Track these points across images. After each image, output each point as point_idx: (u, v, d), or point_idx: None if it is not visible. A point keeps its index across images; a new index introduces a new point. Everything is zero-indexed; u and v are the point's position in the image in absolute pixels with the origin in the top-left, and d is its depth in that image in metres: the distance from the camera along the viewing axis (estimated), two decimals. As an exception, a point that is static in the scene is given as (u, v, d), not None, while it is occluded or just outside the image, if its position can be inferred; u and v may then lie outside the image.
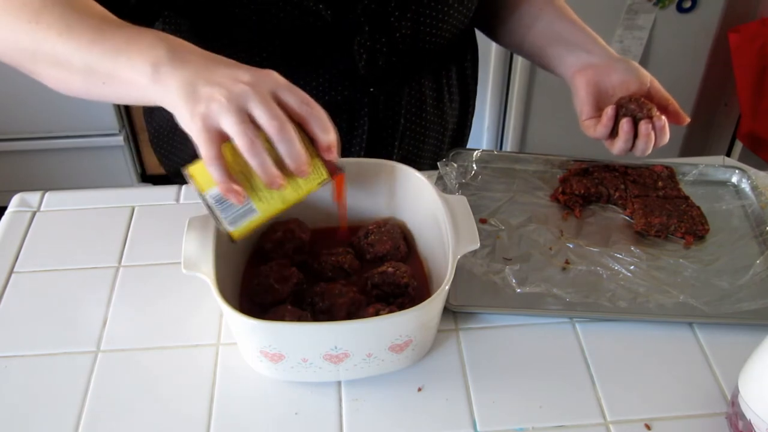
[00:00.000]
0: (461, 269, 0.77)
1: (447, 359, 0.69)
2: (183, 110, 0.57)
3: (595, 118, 0.86)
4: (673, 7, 1.80)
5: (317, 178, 0.61)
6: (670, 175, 0.91)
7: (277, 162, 0.57)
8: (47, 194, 0.89)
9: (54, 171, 2.18)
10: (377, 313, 0.65)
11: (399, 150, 0.96)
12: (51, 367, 0.68)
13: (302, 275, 0.72)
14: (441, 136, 1.01)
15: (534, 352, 0.70)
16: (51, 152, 2.12)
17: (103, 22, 0.64)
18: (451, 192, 0.86)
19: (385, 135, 0.93)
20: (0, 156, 2.12)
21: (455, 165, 0.90)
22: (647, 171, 0.91)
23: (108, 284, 0.77)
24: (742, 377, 0.60)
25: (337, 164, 0.62)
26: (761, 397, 0.57)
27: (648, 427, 0.63)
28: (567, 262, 0.80)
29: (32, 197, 0.89)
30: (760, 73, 1.80)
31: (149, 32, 0.62)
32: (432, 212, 0.73)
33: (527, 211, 0.87)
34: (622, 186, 0.89)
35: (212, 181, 0.58)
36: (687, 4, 1.80)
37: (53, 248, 0.82)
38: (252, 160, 0.56)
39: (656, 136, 0.82)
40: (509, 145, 2.03)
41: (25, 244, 0.82)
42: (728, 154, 2.05)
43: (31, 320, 0.73)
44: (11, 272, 0.78)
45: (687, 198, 0.88)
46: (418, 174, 0.75)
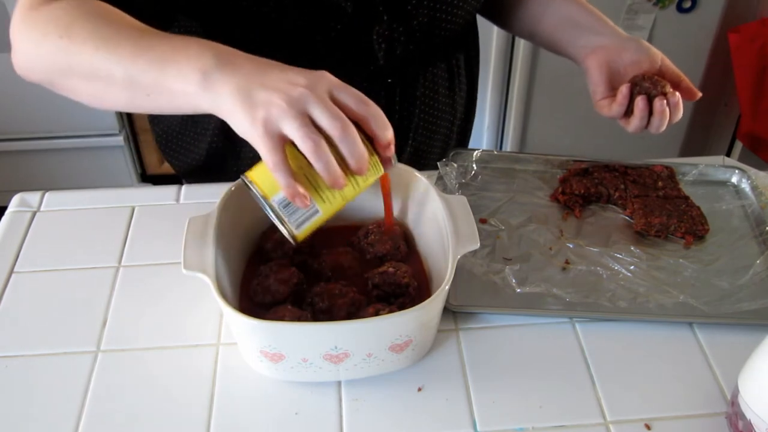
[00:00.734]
0: (461, 269, 0.77)
1: (447, 359, 0.69)
2: (241, 116, 0.56)
3: (609, 98, 0.87)
4: (673, 7, 1.80)
5: (374, 174, 0.62)
6: (670, 175, 0.91)
7: (338, 161, 0.57)
8: (47, 194, 0.89)
9: (54, 171, 2.18)
10: (377, 313, 0.65)
11: (412, 142, 0.96)
12: (51, 367, 0.68)
13: (302, 275, 0.72)
14: (450, 125, 1.01)
15: (534, 352, 0.70)
16: (51, 152, 2.12)
17: (142, 33, 0.63)
18: (451, 192, 0.86)
19: (400, 127, 0.94)
20: (0, 156, 2.12)
21: (455, 165, 0.90)
22: (647, 171, 0.91)
23: (108, 284, 0.77)
24: (742, 377, 0.60)
25: (392, 159, 0.62)
26: (761, 397, 0.57)
27: (648, 427, 0.63)
28: (567, 262, 0.80)
29: (32, 197, 0.89)
30: (760, 73, 1.80)
31: (193, 40, 0.61)
32: (432, 212, 0.73)
33: (527, 211, 0.87)
34: (622, 186, 0.89)
35: (276, 186, 0.58)
36: (687, 4, 1.80)
37: (53, 248, 0.82)
38: (317, 163, 0.56)
39: (671, 113, 0.83)
40: (509, 145, 2.03)
41: (25, 244, 0.82)
42: (728, 154, 2.05)
43: (31, 320, 0.73)
44: (11, 272, 0.78)
45: (687, 198, 0.88)
46: (418, 174, 0.75)
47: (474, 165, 0.93)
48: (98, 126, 2.07)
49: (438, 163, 0.89)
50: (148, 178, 2.27)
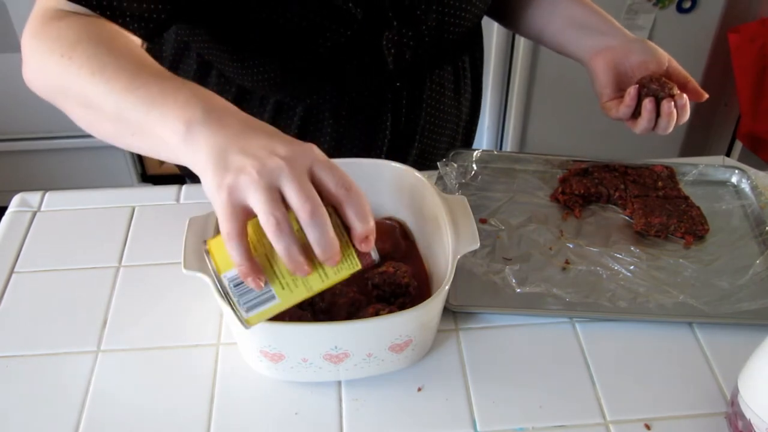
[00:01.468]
0: (461, 269, 0.77)
1: (447, 359, 0.69)
2: (209, 178, 0.53)
3: (616, 100, 0.86)
4: (673, 7, 1.80)
5: (348, 269, 0.55)
6: (670, 175, 0.91)
7: (305, 247, 0.52)
8: (47, 194, 0.89)
9: (54, 171, 2.18)
10: (377, 313, 0.65)
11: (418, 144, 0.96)
12: (51, 367, 0.68)
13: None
14: (456, 127, 1.02)
15: (534, 352, 0.70)
16: (51, 152, 2.12)
17: (140, 68, 0.61)
18: (451, 192, 0.86)
19: (407, 130, 0.94)
20: (0, 156, 2.12)
21: (455, 165, 0.90)
22: (647, 171, 0.91)
23: (108, 284, 0.77)
24: (742, 377, 0.60)
25: (372, 254, 0.55)
26: (761, 397, 0.57)
27: (648, 427, 0.63)
28: (567, 262, 0.80)
29: (32, 197, 0.89)
30: (760, 73, 1.81)
31: (186, 86, 0.58)
32: (432, 212, 0.73)
33: (527, 211, 0.87)
34: (622, 186, 0.89)
35: (231, 262, 0.52)
36: (687, 4, 1.80)
37: (53, 248, 0.82)
38: (277, 244, 0.51)
39: (678, 114, 0.83)
40: (509, 145, 2.03)
41: (25, 245, 0.82)
42: (728, 154, 2.05)
43: (31, 320, 0.73)
44: (11, 272, 0.78)
45: (687, 198, 0.88)
46: (418, 174, 0.75)
47: (474, 165, 0.93)
48: (98, 126, 2.07)
49: (438, 163, 0.89)
50: (148, 178, 2.27)
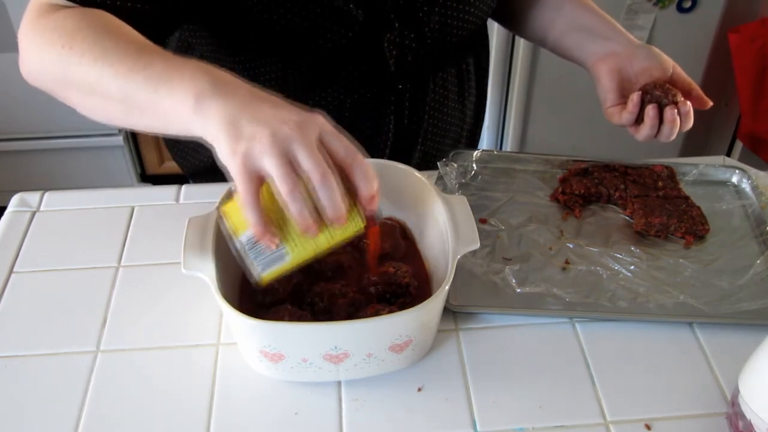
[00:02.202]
0: (461, 269, 0.77)
1: (447, 359, 0.69)
2: (223, 145, 0.55)
3: (620, 106, 0.86)
4: (673, 7, 1.80)
5: (353, 228, 0.59)
6: (670, 175, 0.91)
7: (315, 209, 0.56)
8: (47, 194, 0.89)
9: (54, 171, 2.18)
10: (377, 313, 0.65)
11: (421, 147, 0.96)
12: (51, 367, 0.68)
13: (302, 275, 0.72)
14: (460, 130, 1.01)
15: (534, 352, 0.70)
16: (51, 152, 2.12)
17: (142, 50, 0.62)
18: (451, 192, 0.86)
19: (410, 133, 0.94)
20: (0, 156, 2.12)
21: (455, 165, 0.90)
22: (647, 171, 0.91)
23: (108, 284, 0.77)
24: (742, 377, 0.60)
25: (375, 215, 0.60)
26: (761, 398, 0.57)
27: (648, 427, 0.63)
28: (567, 262, 0.80)
29: (32, 197, 0.89)
30: (760, 73, 1.80)
31: (191, 62, 0.60)
32: (432, 212, 0.73)
33: (527, 211, 0.87)
34: (622, 186, 0.89)
35: (246, 224, 0.56)
36: (687, 4, 1.80)
37: (53, 248, 0.82)
38: (292, 205, 0.54)
39: (681, 122, 0.82)
40: (509, 145, 2.03)
41: (25, 244, 0.82)
42: (728, 154, 2.05)
43: (31, 320, 0.73)
44: (11, 272, 0.78)
45: (687, 198, 0.88)
46: (418, 174, 0.75)
47: (474, 165, 0.93)
48: (98, 126, 2.04)
49: (438, 163, 0.89)
50: (148, 178, 2.27)
